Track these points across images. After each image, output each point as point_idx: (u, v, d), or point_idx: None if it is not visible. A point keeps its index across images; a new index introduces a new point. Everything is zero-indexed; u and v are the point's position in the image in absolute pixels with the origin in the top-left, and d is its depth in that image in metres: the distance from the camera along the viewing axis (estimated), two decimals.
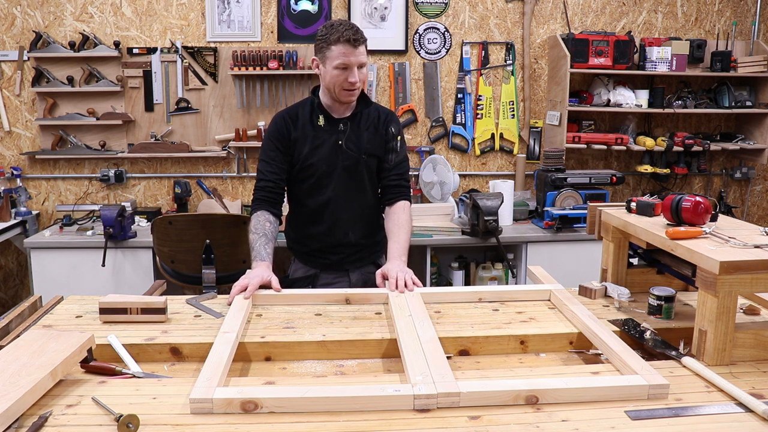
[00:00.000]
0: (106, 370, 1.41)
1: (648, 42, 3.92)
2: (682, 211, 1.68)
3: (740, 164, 4.36)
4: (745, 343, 1.46)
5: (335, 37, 2.02)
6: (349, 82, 2.06)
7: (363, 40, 2.06)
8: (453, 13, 4.05)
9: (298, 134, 2.18)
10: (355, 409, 1.21)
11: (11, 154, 4.02)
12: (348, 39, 2.02)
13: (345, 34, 2.02)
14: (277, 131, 2.19)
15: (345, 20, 2.13)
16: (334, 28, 2.05)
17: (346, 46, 2.02)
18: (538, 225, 3.75)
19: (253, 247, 2.06)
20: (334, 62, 2.04)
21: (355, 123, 2.21)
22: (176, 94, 3.98)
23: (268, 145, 2.20)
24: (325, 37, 2.05)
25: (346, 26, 2.04)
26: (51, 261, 3.43)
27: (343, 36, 2.02)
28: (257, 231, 2.09)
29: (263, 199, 2.17)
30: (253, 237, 2.08)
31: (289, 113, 2.21)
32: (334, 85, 2.09)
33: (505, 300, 1.88)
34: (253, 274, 1.91)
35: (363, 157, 2.21)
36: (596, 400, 1.26)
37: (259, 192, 2.18)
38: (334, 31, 2.03)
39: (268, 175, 2.17)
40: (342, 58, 2.03)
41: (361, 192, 2.25)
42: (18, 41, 3.85)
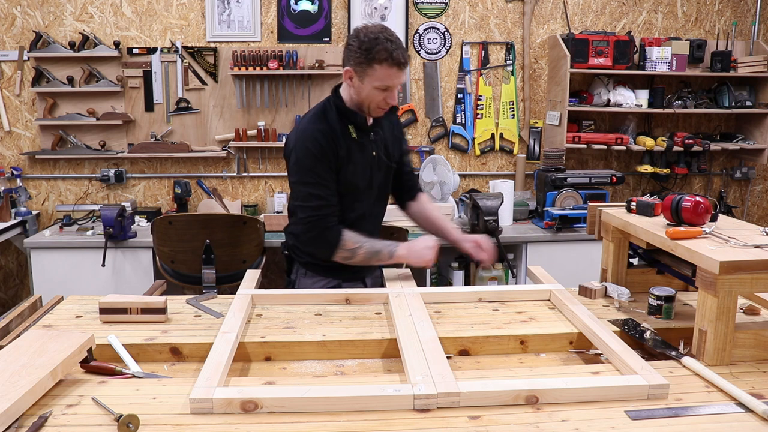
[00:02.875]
0: (106, 370, 1.40)
1: (648, 42, 3.92)
2: (682, 211, 1.68)
3: (740, 164, 4.36)
4: (745, 343, 1.46)
5: (382, 57, 1.81)
6: (387, 102, 1.92)
7: (407, 59, 1.86)
8: (453, 13, 4.05)
9: (343, 152, 1.95)
10: (355, 409, 1.21)
11: (11, 154, 4.02)
12: (397, 61, 1.82)
13: (394, 54, 1.81)
14: (326, 150, 1.92)
15: (388, 31, 1.85)
16: (380, 43, 1.81)
17: (393, 69, 1.83)
18: (538, 225, 3.75)
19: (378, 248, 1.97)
20: (376, 83, 1.86)
21: (379, 130, 2.07)
22: (176, 94, 3.98)
23: (314, 166, 1.93)
24: (368, 52, 1.82)
25: (393, 44, 1.82)
26: (51, 261, 3.43)
27: (392, 57, 1.81)
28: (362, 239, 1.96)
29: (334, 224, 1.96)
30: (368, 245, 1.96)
31: (329, 128, 1.95)
32: (370, 103, 1.93)
33: (505, 300, 1.88)
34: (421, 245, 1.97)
35: (393, 165, 2.12)
36: (596, 400, 1.26)
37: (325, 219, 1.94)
38: (381, 48, 1.81)
39: (329, 199, 1.94)
40: (386, 81, 1.85)
41: (384, 201, 2.20)
42: (18, 41, 3.85)
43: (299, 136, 1.96)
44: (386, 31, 1.85)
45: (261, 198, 4.17)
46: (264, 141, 3.97)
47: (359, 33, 1.86)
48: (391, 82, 1.87)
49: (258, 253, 3.33)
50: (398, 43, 1.84)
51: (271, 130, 3.98)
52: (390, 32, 1.85)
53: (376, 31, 1.84)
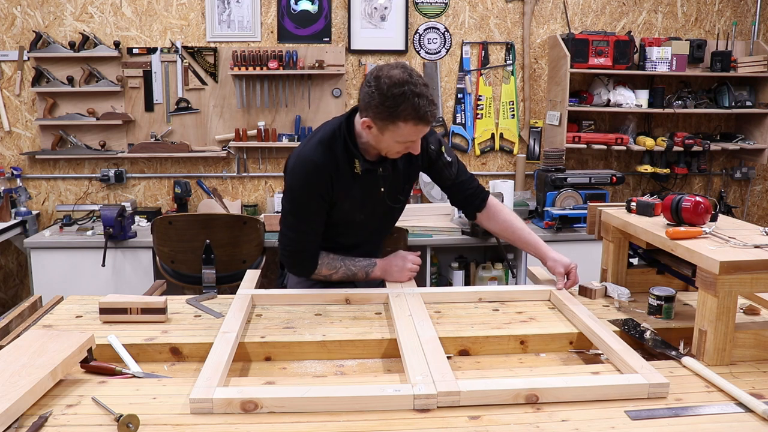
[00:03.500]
0: (106, 370, 1.40)
1: (648, 42, 3.92)
2: (682, 211, 1.68)
3: (740, 164, 4.36)
4: (745, 343, 1.46)
5: (409, 116, 1.65)
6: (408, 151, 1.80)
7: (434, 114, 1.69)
8: (453, 13, 4.05)
9: (339, 187, 1.84)
10: (355, 409, 1.21)
11: (11, 154, 4.02)
12: (425, 120, 1.67)
13: (421, 112, 1.64)
14: (319, 185, 1.82)
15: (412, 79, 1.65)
16: (406, 99, 1.63)
17: (418, 125, 1.68)
18: (538, 225, 3.75)
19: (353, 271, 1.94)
20: (398, 138, 1.72)
21: (391, 164, 1.91)
22: (176, 94, 3.98)
23: (302, 200, 1.85)
24: (392, 109, 1.64)
25: (421, 98, 1.64)
26: (51, 261, 3.43)
27: (419, 117, 1.65)
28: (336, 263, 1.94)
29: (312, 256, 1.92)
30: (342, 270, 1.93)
31: (324, 161, 1.81)
32: (388, 152, 1.80)
33: (505, 300, 1.88)
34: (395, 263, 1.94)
35: (401, 199, 2.02)
36: (596, 399, 1.26)
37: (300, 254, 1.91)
38: (408, 106, 1.63)
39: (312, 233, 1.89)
40: (411, 137, 1.72)
41: (388, 229, 2.19)
42: (18, 41, 3.85)
43: (297, 162, 1.85)
44: (411, 81, 1.64)
45: (261, 198, 4.17)
46: (264, 141, 3.97)
47: (382, 82, 1.65)
48: (417, 138, 1.75)
49: (258, 253, 3.33)
50: (425, 95, 1.65)
51: (271, 130, 3.98)
52: (415, 80, 1.65)
53: (401, 82, 1.63)
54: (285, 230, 1.93)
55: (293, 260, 1.95)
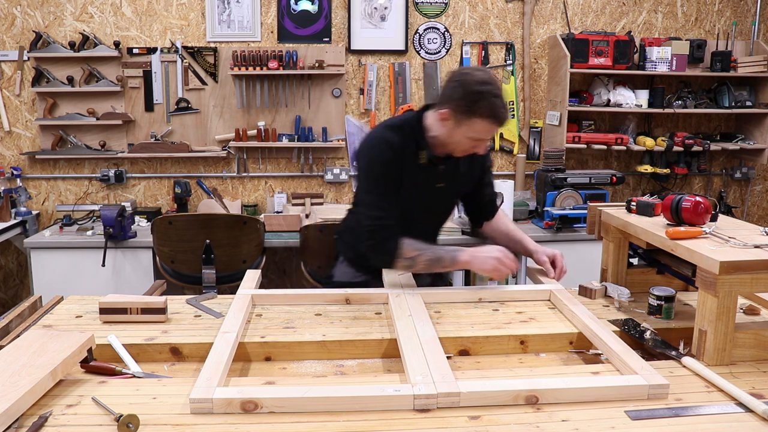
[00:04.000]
0: (106, 370, 1.41)
1: (648, 42, 3.92)
2: (682, 211, 1.68)
3: (740, 164, 4.36)
4: (745, 343, 1.47)
5: (486, 113, 1.79)
6: (476, 151, 1.92)
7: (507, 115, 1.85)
8: (453, 13, 4.05)
9: (405, 173, 1.94)
10: (355, 409, 1.21)
11: (11, 154, 4.01)
12: (499, 120, 1.81)
13: (497, 113, 1.80)
14: (389, 161, 1.90)
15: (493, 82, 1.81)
16: (486, 98, 1.78)
17: (492, 124, 1.82)
18: (538, 225, 3.75)
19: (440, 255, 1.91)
20: (471, 134, 1.85)
21: (454, 164, 2.02)
22: (176, 94, 3.98)
23: (380, 173, 1.91)
24: (472, 103, 1.79)
25: (499, 100, 1.80)
26: (51, 261, 3.43)
27: (494, 115, 1.80)
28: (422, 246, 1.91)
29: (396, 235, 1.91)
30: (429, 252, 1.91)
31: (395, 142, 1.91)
32: (456, 147, 1.91)
33: (505, 300, 1.88)
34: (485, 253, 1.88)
35: (456, 200, 2.18)
36: (596, 400, 1.26)
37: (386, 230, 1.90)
38: (486, 104, 1.78)
39: (390, 209, 1.91)
40: (482, 135, 1.85)
41: (441, 223, 2.24)
42: (18, 41, 3.85)
43: (370, 143, 1.96)
44: (493, 84, 1.81)
45: (261, 198, 4.17)
46: (264, 141, 3.97)
47: (466, 80, 1.81)
48: (487, 136, 1.88)
49: (258, 253, 3.33)
50: (502, 99, 1.82)
51: (271, 130, 3.98)
52: (496, 85, 1.82)
53: (484, 81, 1.80)
54: (367, 210, 1.94)
55: (375, 242, 1.92)
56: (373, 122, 4.08)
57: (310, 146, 4.04)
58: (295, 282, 4.18)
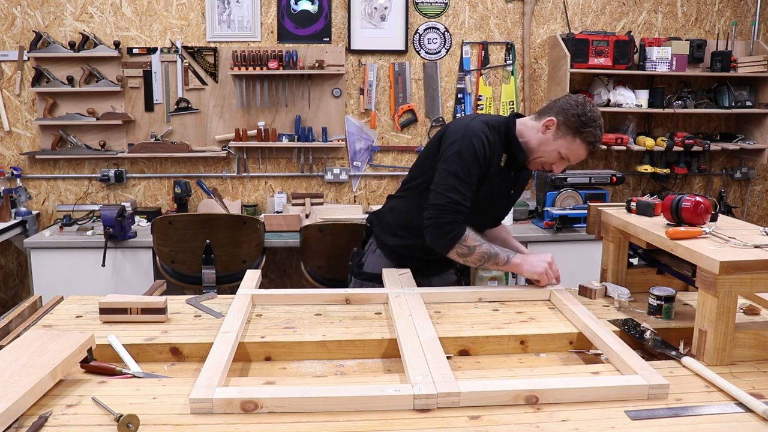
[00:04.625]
0: (106, 370, 1.41)
1: (648, 42, 3.92)
2: (682, 211, 1.68)
3: (740, 164, 4.36)
4: (745, 343, 1.47)
5: (589, 138, 1.94)
6: (552, 167, 2.03)
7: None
8: (453, 13, 4.05)
9: (492, 170, 2.01)
10: (355, 409, 1.21)
11: (11, 154, 4.01)
12: (595, 149, 1.98)
13: (597, 143, 1.96)
14: (484, 155, 1.97)
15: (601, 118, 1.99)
16: (596, 126, 1.94)
17: (586, 151, 1.97)
18: (538, 225, 3.75)
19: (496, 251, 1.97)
20: (564, 151, 1.97)
21: (518, 172, 2.15)
22: (176, 94, 3.98)
23: (473, 164, 1.96)
24: (582, 125, 1.93)
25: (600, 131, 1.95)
26: (51, 261, 3.43)
27: (594, 144, 1.96)
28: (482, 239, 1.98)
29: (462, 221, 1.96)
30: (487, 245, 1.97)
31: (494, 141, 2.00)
32: (540, 155, 2.01)
33: (505, 300, 1.88)
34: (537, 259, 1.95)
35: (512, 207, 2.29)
36: (596, 400, 1.26)
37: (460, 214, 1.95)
38: (592, 131, 1.93)
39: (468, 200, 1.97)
40: (573, 156, 1.98)
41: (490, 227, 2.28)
42: (18, 41, 3.85)
43: (469, 132, 1.99)
44: (601, 124, 1.97)
45: (261, 198, 4.17)
46: (264, 141, 3.97)
47: (586, 106, 1.95)
48: (575, 159, 1.99)
49: (258, 253, 3.33)
50: (602, 134, 1.97)
51: (271, 130, 3.98)
52: (602, 120, 1.98)
53: (598, 117, 1.96)
54: (442, 192, 1.96)
55: (443, 222, 1.95)
56: (373, 122, 4.08)
57: (310, 146, 4.04)
58: (295, 282, 4.18)
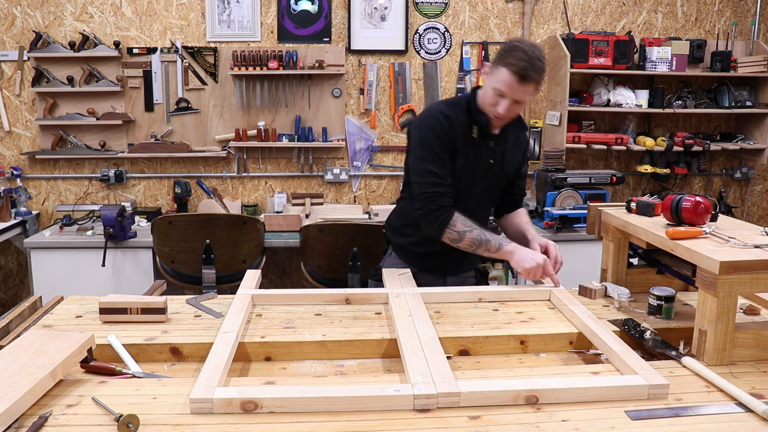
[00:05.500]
0: (106, 370, 1.41)
1: (648, 42, 3.92)
2: (682, 211, 1.68)
3: (740, 164, 4.36)
4: (745, 343, 1.46)
5: (508, 61, 1.86)
6: (497, 111, 1.95)
7: (533, 80, 1.87)
8: (453, 13, 4.05)
9: (459, 144, 2.00)
10: (355, 409, 1.21)
11: (11, 154, 4.01)
12: (517, 71, 1.85)
13: (518, 64, 1.84)
14: (445, 133, 1.98)
15: (534, 47, 1.89)
16: (515, 51, 1.86)
17: (512, 77, 1.86)
18: (538, 225, 3.75)
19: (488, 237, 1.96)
20: (495, 84, 1.91)
21: (503, 142, 2.10)
22: (176, 94, 3.98)
23: (434, 144, 1.98)
24: (504, 54, 1.89)
25: (525, 55, 1.85)
26: (51, 261, 3.43)
27: (514, 64, 1.85)
28: (473, 225, 1.98)
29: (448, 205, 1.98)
30: (478, 231, 1.96)
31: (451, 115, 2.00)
32: (485, 101, 1.98)
33: (505, 300, 1.88)
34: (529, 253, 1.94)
35: (503, 180, 2.17)
36: (596, 400, 1.26)
37: (441, 198, 1.97)
38: (513, 54, 1.86)
39: (445, 179, 1.98)
40: (502, 86, 1.89)
41: (487, 209, 2.24)
42: (18, 41, 3.85)
43: (425, 117, 2.04)
44: (534, 49, 1.88)
45: (261, 198, 4.17)
46: (264, 141, 3.97)
47: (514, 41, 1.93)
48: (507, 90, 1.90)
49: (258, 253, 3.33)
50: (534, 61, 1.85)
51: (271, 130, 3.98)
52: (537, 52, 1.88)
53: (525, 45, 1.89)
54: (419, 180, 2.00)
55: (430, 208, 1.98)
56: (373, 122, 4.08)
57: (310, 146, 4.04)
58: (295, 282, 4.18)
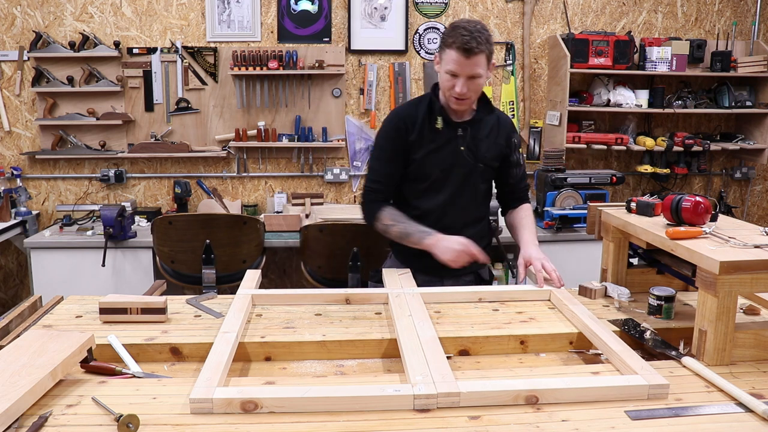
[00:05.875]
0: (106, 370, 1.40)
1: (648, 42, 3.92)
2: (682, 211, 1.68)
3: (740, 164, 4.36)
4: (745, 343, 1.46)
5: (451, 41, 1.90)
6: (455, 91, 1.96)
7: (479, 51, 1.89)
8: (453, 13, 4.05)
9: (414, 137, 2.07)
10: (355, 409, 1.21)
11: (11, 154, 4.01)
12: (460, 47, 1.88)
13: (460, 40, 1.88)
14: (394, 131, 2.08)
15: (473, 23, 1.93)
16: (455, 30, 1.90)
17: (459, 54, 1.89)
18: (538, 225, 3.75)
19: (410, 231, 2.02)
20: (446, 67, 1.95)
21: (475, 129, 2.11)
22: (176, 94, 3.98)
23: (383, 144, 2.12)
24: (445, 37, 1.93)
25: (465, 31, 1.88)
26: (51, 261, 3.43)
27: (457, 42, 1.88)
28: (400, 219, 2.05)
29: (381, 191, 2.10)
30: (402, 225, 2.03)
31: (406, 113, 2.10)
32: (444, 90, 2.01)
33: (505, 300, 1.88)
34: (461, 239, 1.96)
35: (480, 165, 2.14)
36: (596, 400, 1.26)
37: (373, 194, 2.11)
38: (454, 33, 1.90)
39: (383, 177, 2.10)
40: (452, 65, 1.92)
41: (473, 200, 2.20)
42: (18, 41, 3.85)
43: (383, 122, 2.16)
44: (474, 23, 1.92)
45: (261, 198, 4.17)
46: (264, 141, 3.97)
47: (453, 23, 1.96)
48: (458, 69, 1.92)
49: (258, 253, 3.33)
50: (475, 34, 1.88)
51: (271, 130, 3.98)
52: (477, 25, 1.91)
53: (464, 22, 1.93)
54: (365, 173, 2.16)
55: (364, 199, 2.15)
56: (373, 122, 4.08)
57: (310, 146, 4.04)
58: (295, 282, 4.18)
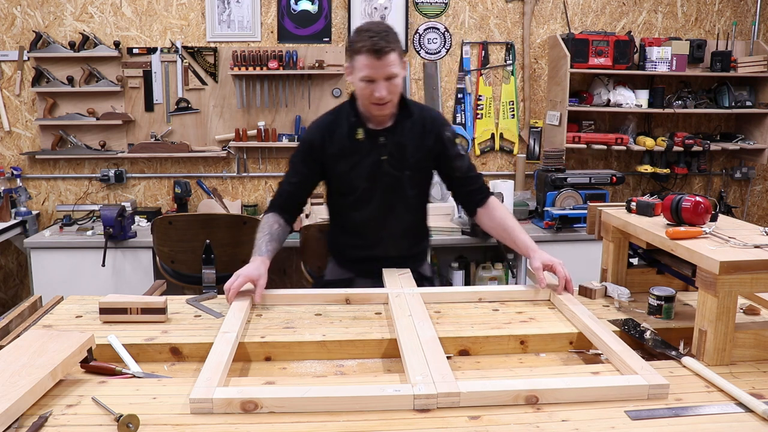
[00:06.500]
0: (106, 370, 1.40)
1: (648, 42, 3.92)
2: (682, 211, 1.68)
3: (740, 164, 4.36)
4: (745, 343, 1.46)
5: (359, 46, 1.84)
6: (375, 96, 1.89)
7: (390, 49, 1.84)
8: (453, 13, 4.05)
9: (334, 149, 2.03)
10: (355, 409, 1.21)
11: (11, 154, 4.01)
12: (370, 49, 1.82)
13: (368, 43, 1.82)
14: (310, 144, 2.06)
15: (376, 23, 1.90)
16: (360, 34, 1.86)
17: (370, 58, 1.83)
18: (538, 225, 3.75)
19: (255, 243, 1.99)
20: (360, 74, 1.88)
21: (397, 134, 2.03)
22: (176, 94, 3.98)
23: (298, 156, 2.10)
24: (352, 44, 1.88)
25: (372, 33, 1.84)
26: (51, 261, 3.43)
27: (366, 45, 1.83)
28: (263, 230, 2.02)
29: (278, 204, 2.10)
30: (258, 235, 2.01)
31: (326, 126, 2.05)
32: (363, 98, 1.95)
33: (505, 300, 1.88)
34: (243, 271, 1.81)
35: (407, 173, 2.06)
36: (596, 400, 1.26)
37: (277, 198, 2.12)
38: (360, 38, 1.85)
39: (290, 186, 2.10)
40: (366, 71, 1.86)
41: (405, 207, 2.13)
42: (18, 41, 3.85)
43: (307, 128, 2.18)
44: (377, 25, 1.89)
45: (261, 198, 4.17)
46: (264, 141, 3.97)
47: (356, 29, 1.92)
48: (373, 73, 1.86)
49: None
50: (379, 32, 1.84)
51: (271, 130, 3.98)
52: (381, 25, 1.89)
53: (366, 24, 1.91)
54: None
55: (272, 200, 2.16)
56: None
57: None
58: (295, 282, 4.18)
